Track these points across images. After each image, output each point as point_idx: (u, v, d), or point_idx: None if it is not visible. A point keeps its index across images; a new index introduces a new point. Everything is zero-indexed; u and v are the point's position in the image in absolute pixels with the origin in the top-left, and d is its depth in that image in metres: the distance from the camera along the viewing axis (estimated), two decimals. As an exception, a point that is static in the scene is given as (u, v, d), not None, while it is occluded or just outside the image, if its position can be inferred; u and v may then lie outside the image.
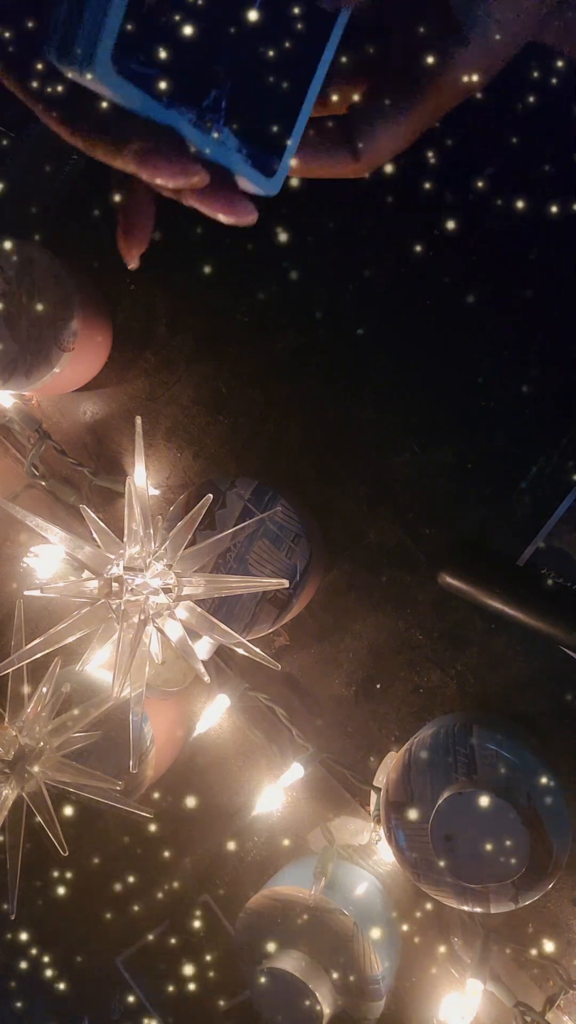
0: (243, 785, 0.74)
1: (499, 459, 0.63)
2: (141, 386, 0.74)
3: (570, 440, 0.61)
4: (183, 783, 0.76)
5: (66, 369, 0.67)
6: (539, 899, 0.57)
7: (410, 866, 0.59)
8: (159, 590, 0.48)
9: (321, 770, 0.71)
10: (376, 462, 0.67)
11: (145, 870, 0.79)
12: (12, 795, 0.56)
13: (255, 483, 0.60)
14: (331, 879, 0.64)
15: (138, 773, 0.64)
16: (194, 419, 0.73)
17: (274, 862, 0.74)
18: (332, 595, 0.70)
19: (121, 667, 0.46)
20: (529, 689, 0.64)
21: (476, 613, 0.65)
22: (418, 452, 0.66)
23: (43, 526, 0.48)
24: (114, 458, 0.76)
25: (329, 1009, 0.61)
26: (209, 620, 0.49)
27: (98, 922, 0.80)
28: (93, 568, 0.48)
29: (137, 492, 0.48)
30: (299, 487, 0.68)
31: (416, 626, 0.67)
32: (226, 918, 0.76)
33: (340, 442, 0.68)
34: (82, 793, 0.58)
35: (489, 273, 0.62)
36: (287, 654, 0.72)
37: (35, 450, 0.76)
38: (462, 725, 0.58)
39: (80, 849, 0.75)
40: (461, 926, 0.68)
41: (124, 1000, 0.79)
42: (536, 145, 0.59)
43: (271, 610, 0.59)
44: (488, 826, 0.54)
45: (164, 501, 0.74)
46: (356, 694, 0.70)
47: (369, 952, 0.61)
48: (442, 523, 0.65)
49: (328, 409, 0.68)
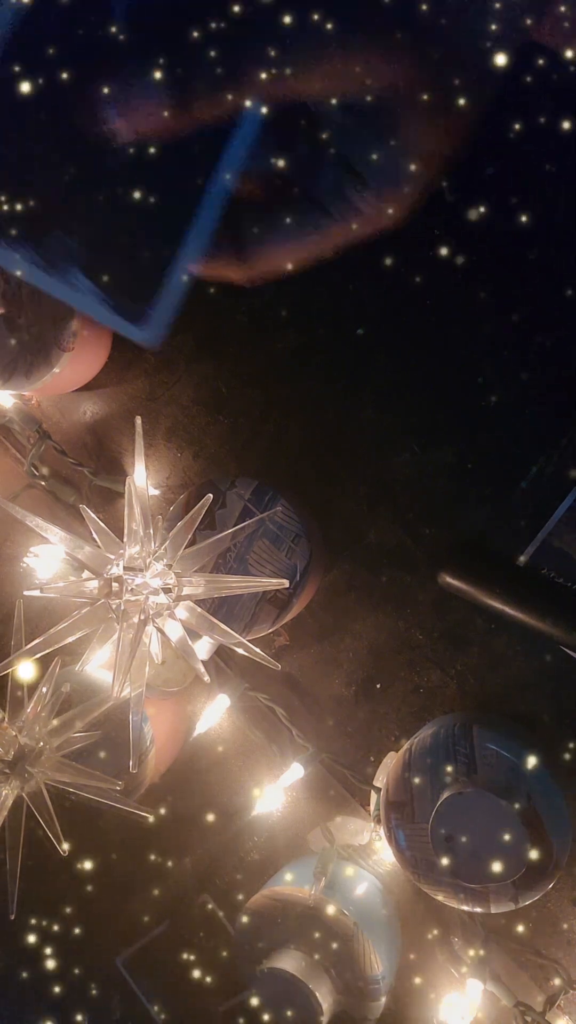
0: (243, 785, 0.74)
1: (499, 459, 0.63)
2: (141, 386, 0.74)
3: (570, 440, 0.61)
4: (183, 783, 0.76)
5: (66, 369, 0.67)
6: (539, 899, 0.57)
7: (410, 866, 0.59)
8: (159, 590, 0.48)
9: (321, 770, 0.71)
10: (376, 462, 0.67)
11: (145, 870, 0.79)
12: (12, 795, 0.56)
13: (255, 483, 0.60)
14: (331, 879, 0.64)
15: (138, 773, 0.64)
16: (194, 419, 0.73)
17: (274, 862, 0.74)
18: (332, 595, 0.70)
19: (121, 667, 0.46)
20: (529, 689, 0.64)
21: (476, 613, 0.65)
22: (418, 452, 0.66)
23: (43, 526, 0.48)
24: (114, 458, 0.76)
25: (329, 1009, 0.61)
26: (209, 620, 0.49)
27: (98, 922, 0.80)
28: (93, 568, 0.48)
29: (137, 492, 0.48)
30: (299, 487, 0.68)
31: (416, 626, 0.67)
32: (226, 918, 0.76)
33: (340, 442, 0.68)
34: (82, 793, 0.58)
35: (489, 273, 0.62)
36: (287, 654, 0.72)
37: (35, 450, 0.76)
38: (462, 725, 0.58)
39: (80, 849, 0.75)
40: (461, 926, 0.68)
41: (124, 1000, 0.79)
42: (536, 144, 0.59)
43: (271, 610, 0.59)
44: (488, 826, 0.54)
45: (164, 501, 0.74)
46: (356, 694, 0.70)
47: (369, 952, 0.61)
48: (442, 523, 0.65)
49: (328, 409, 0.68)
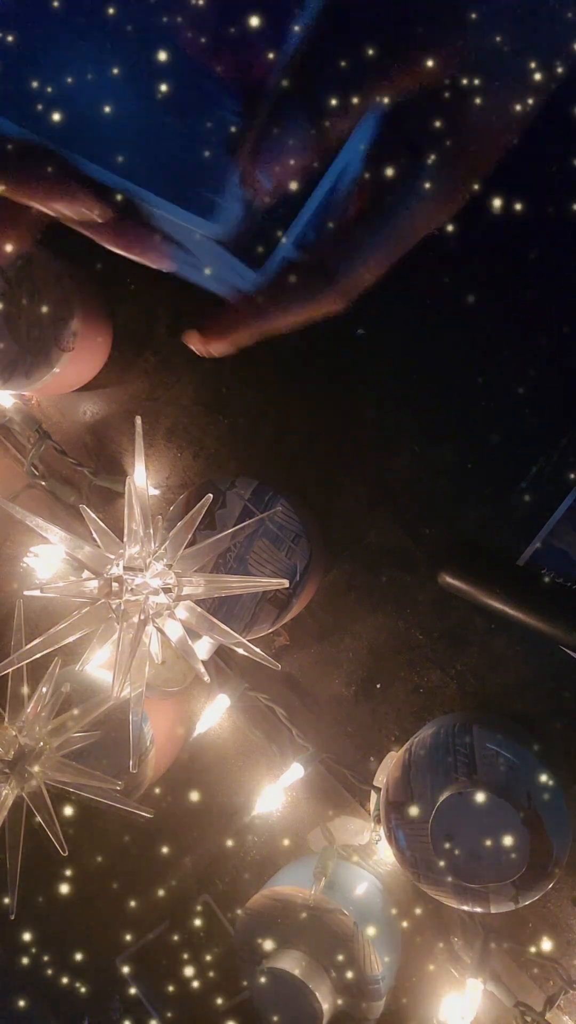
0: (243, 785, 0.74)
1: (499, 459, 0.63)
2: (141, 386, 0.74)
3: (570, 440, 0.61)
4: (183, 783, 0.76)
5: (66, 369, 0.67)
6: (539, 899, 0.57)
7: (410, 866, 0.59)
8: (159, 590, 0.48)
9: (321, 770, 0.71)
10: (376, 462, 0.67)
11: (145, 870, 0.79)
12: (12, 795, 0.56)
13: (255, 483, 0.60)
14: (331, 879, 0.64)
15: (138, 773, 0.64)
16: (194, 419, 0.73)
17: (274, 862, 0.74)
18: (332, 595, 0.70)
19: (121, 667, 0.46)
20: (529, 689, 0.64)
21: (476, 613, 0.65)
22: (418, 452, 0.66)
23: (43, 526, 0.48)
24: (114, 458, 0.76)
25: (329, 1009, 0.61)
26: (209, 620, 0.49)
27: (98, 922, 0.80)
28: (93, 568, 0.48)
29: (137, 492, 0.48)
30: (299, 487, 0.68)
31: (416, 626, 0.67)
32: (226, 918, 0.76)
33: (340, 442, 0.68)
34: (82, 793, 0.58)
35: (489, 273, 0.62)
36: (287, 654, 0.72)
37: (35, 450, 0.76)
38: (462, 725, 0.58)
39: (80, 849, 0.75)
40: (461, 926, 0.68)
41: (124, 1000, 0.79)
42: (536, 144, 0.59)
43: (271, 610, 0.59)
44: (488, 826, 0.54)
45: (164, 501, 0.74)
46: (356, 694, 0.70)
47: (369, 952, 0.61)
48: (442, 523, 0.65)
49: (328, 409, 0.68)
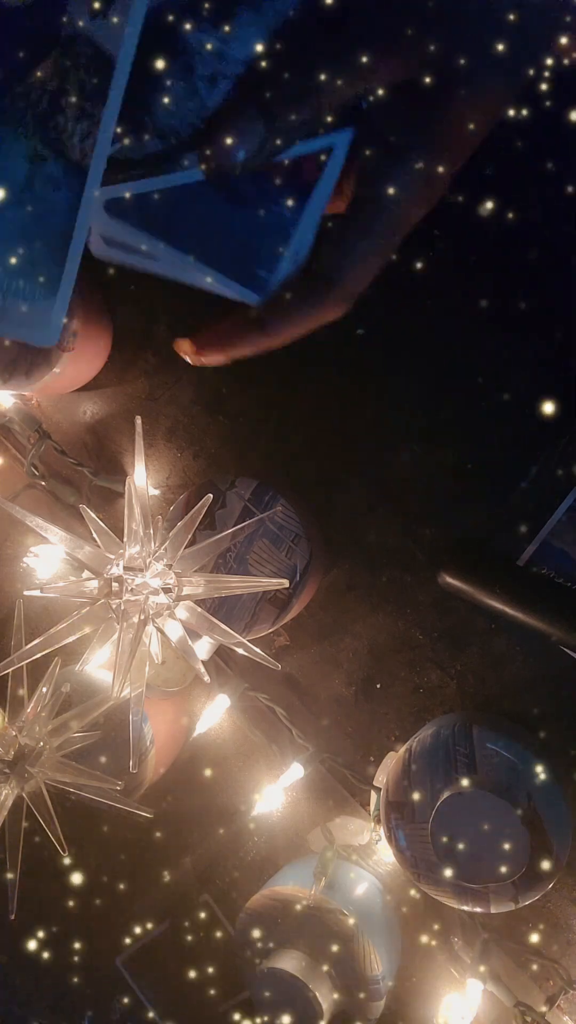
0: (243, 785, 0.74)
1: (499, 459, 0.63)
2: (141, 386, 0.74)
3: (570, 440, 0.61)
4: (183, 783, 0.76)
5: (66, 369, 0.67)
6: (539, 899, 0.57)
7: (410, 866, 0.59)
8: (159, 590, 0.48)
9: (321, 770, 0.71)
10: (376, 462, 0.67)
11: (145, 870, 0.79)
12: (12, 795, 0.56)
13: (255, 483, 0.60)
14: (331, 879, 0.64)
15: (138, 773, 0.64)
16: (194, 419, 0.73)
17: (274, 862, 0.74)
18: (332, 595, 0.69)
19: (121, 667, 0.46)
20: (529, 689, 0.64)
21: (476, 613, 0.65)
22: (418, 452, 0.66)
23: (43, 526, 0.48)
24: (114, 458, 0.76)
25: (329, 1009, 0.61)
26: (209, 620, 0.49)
27: (98, 922, 0.80)
28: (93, 568, 0.48)
29: (137, 492, 0.48)
30: (299, 487, 0.68)
31: (416, 626, 0.67)
32: (226, 918, 0.76)
33: (340, 442, 0.68)
34: (82, 793, 0.58)
35: (489, 273, 0.62)
36: (287, 654, 0.72)
37: (35, 450, 0.76)
38: (462, 725, 0.58)
39: (80, 849, 0.75)
40: (461, 926, 0.68)
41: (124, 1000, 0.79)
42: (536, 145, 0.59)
43: (271, 610, 0.59)
44: (488, 826, 0.54)
45: (164, 501, 0.74)
46: (356, 694, 0.70)
47: (369, 952, 0.61)
48: (442, 523, 0.65)
49: (328, 409, 0.68)
